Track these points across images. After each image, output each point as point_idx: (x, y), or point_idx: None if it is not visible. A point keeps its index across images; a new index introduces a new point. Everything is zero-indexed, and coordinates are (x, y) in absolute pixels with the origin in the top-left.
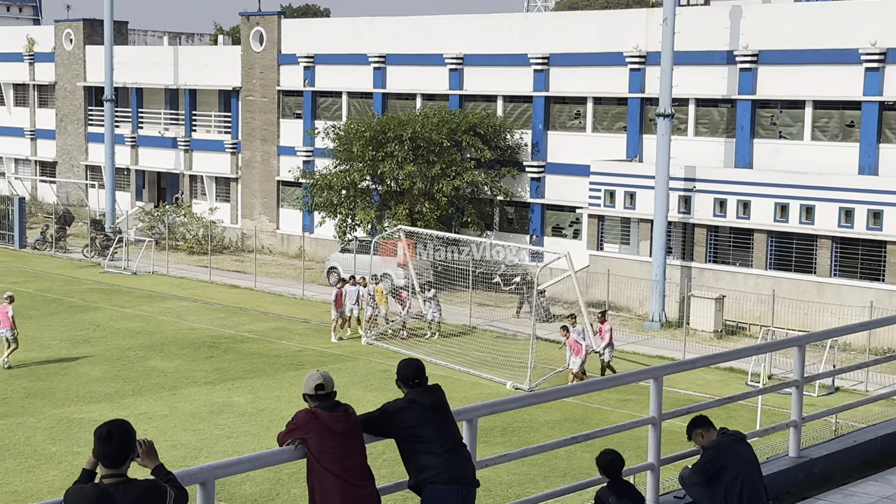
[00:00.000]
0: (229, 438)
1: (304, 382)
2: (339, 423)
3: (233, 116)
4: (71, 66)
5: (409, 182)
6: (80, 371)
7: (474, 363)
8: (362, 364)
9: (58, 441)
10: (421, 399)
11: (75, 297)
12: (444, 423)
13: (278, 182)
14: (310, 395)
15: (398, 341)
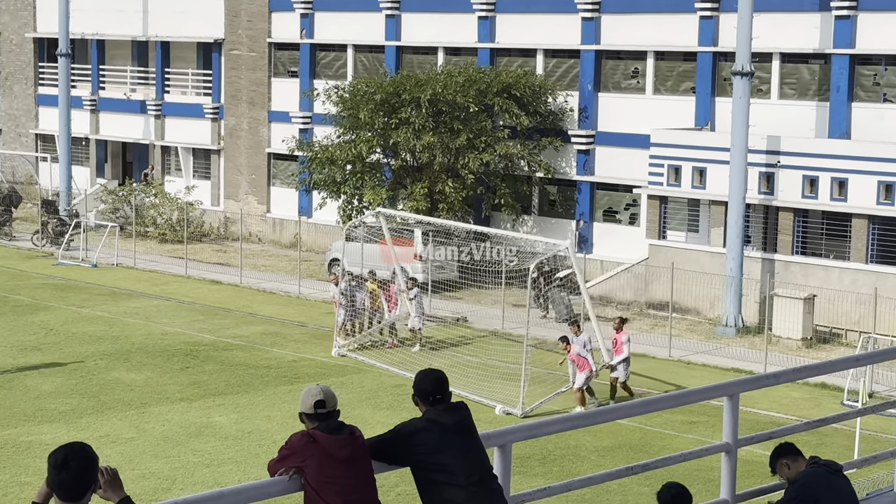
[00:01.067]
0: (209, 467)
1: (302, 399)
2: (342, 449)
3: (214, 75)
4: (18, 14)
5: (428, 155)
6: (29, 384)
7: (467, 380)
8: (370, 377)
9: (3, 468)
10: (442, 419)
11: (23, 295)
12: (469, 448)
13: (269, 155)
14: (308, 415)
15: (378, 352)
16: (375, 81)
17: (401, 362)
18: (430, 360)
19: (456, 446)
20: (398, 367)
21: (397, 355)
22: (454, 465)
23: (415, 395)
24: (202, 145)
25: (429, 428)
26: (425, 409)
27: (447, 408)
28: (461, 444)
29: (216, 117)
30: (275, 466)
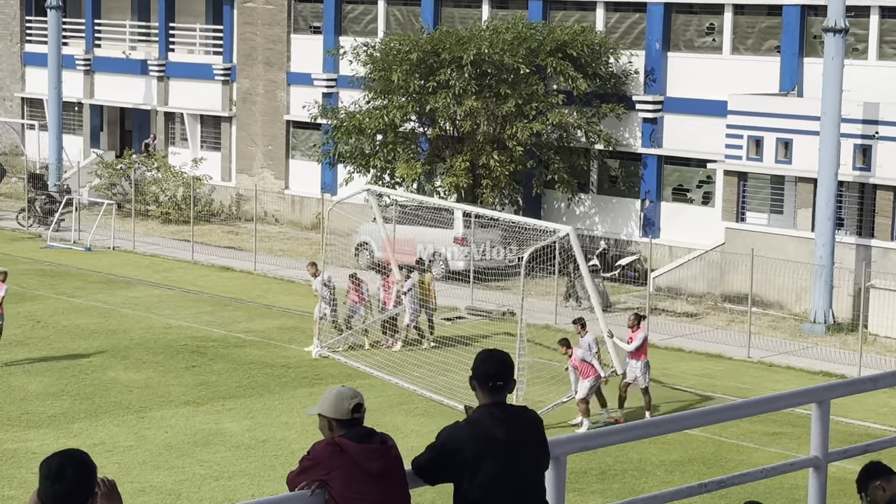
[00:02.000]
0: (218, 480)
1: (331, 402)
2: (374, 460)
3: (225, 31)
4: None
5: (470, 124)
6: (14, 384)
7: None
8: (404, 380)
9: None
10: (490, 423)
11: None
12: (516, 463)
13: (288, 123)
14: (340, 421)
15: (366, 353)
16: (410, 39)
17: (386, 364)
18: (417, 361)
19: (500, 464)
20: (384, 372)
21: (386, 357)
22: (492, 483)
23: (472, 378)
24: (211, 111)
25: (472, 433)
26: (482, 398)
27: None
28: (507, 463)
29: (227, 80)
30: (295, 479)
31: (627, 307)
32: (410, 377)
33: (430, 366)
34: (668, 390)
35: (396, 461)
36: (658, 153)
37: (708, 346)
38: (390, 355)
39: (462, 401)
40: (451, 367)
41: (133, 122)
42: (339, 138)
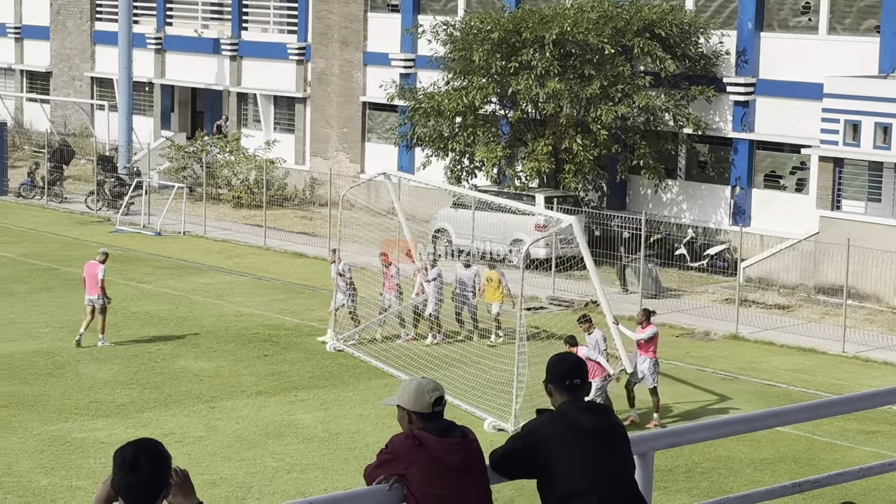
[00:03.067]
0: (290, 473)
1: (411, 394)
2: (454, 454)
3: (300, 9)
4: None
5: (553, 106)
6: (82, 372)
7: (469, 386)
8: (477, 370)
9: (50, 470)
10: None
11: (75, 267)
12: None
13: (364, 104)
14: (420, 414)
15: (384, 347)
16: (492, 17)
17: (400, 358)
18: (439, 358)
19: (587, 454)
20: (397, 368)
21: (402, 353)
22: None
23: (548, 382)
24: (285, 92)
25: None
26: (560, 399)
27: (587, 406)
28: (594, 453)
29: (302, 59)
30: (373, 473)
31: (714, 298)
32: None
33: (449, 364)
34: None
35: (477, 455)
36: (750, 138)
37: (800, 339)
38: (405, 351)
39: (473, 404)
40: (467, 364)
41: (205, 102)
42: (417, 120)
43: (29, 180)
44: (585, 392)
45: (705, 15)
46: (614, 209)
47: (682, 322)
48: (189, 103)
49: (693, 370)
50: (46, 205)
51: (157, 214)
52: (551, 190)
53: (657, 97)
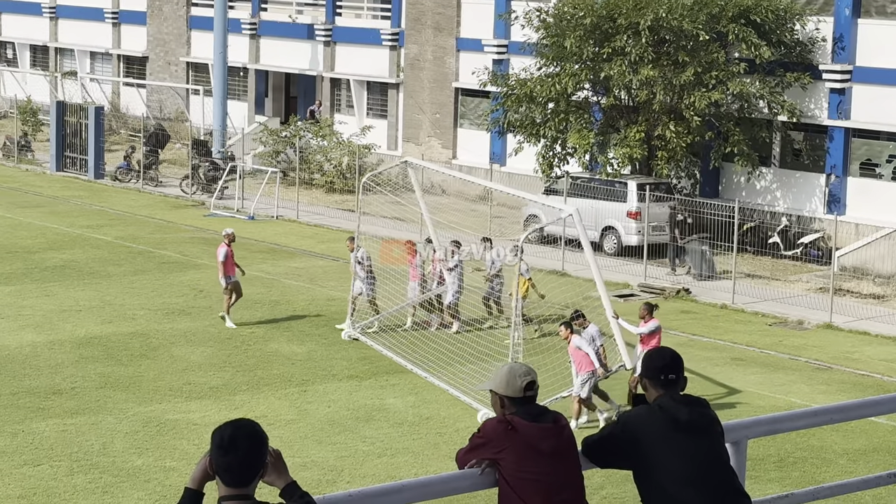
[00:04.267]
0: (381, 457)
1: (503, 379)
2: (547, 439)
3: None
4: None
5: (646, 93)
6: (176, 354)
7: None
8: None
9: (144, 451)
10: (674, 410)
11: (170, 250)
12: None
13: (456, 90)
14: (512, 399)
15: (399, 337)
16: (585, 3)
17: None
18: (451, 349)
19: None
20: (408, 360)
21: (415, 343)
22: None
23: (643, 376)
24: (378, 78)
25: (656, 416)
26: (656, 393)
27: (684, 400)
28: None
29: (395, 45)
30: (465, 457)
31: (808, 287)
32: (437, 370)
33: (464, 358)
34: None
35: (569, 441)
36: (845, 125)
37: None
38: (419, 342)
39: (475, 398)
40: (481, 359)
41: (298, 88)
42: (510, 106)
43: (125, 164)
44: (681, 387)
45: (801, 1)
46: (707, 197)
47: (776, 311)
48: (283, 88)
49: (786, 359)
50: (142, 188)
51: (251, 199)
52: (643, 177)
53: (752, 84)
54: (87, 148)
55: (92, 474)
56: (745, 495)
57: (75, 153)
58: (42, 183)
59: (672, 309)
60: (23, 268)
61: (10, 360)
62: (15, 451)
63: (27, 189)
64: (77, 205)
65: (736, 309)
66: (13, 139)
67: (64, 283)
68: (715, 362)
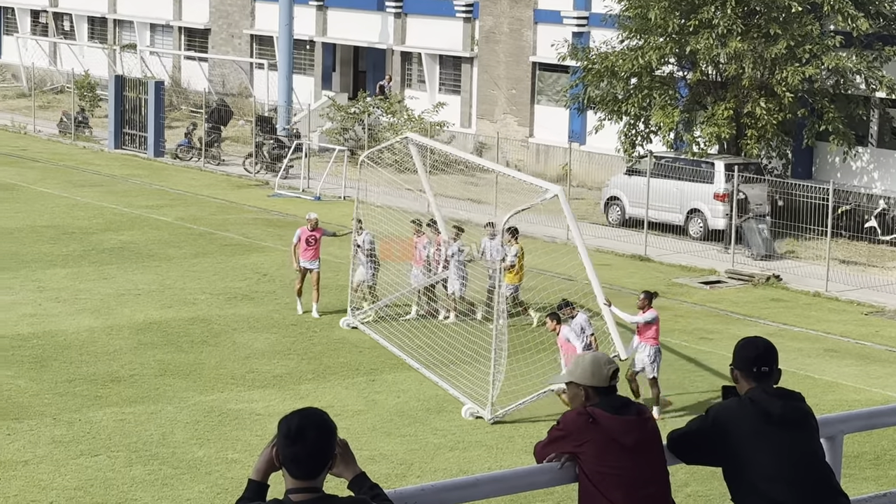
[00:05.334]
0: (453, 450)
1: (586, 368)
2: (630, 432)
3: None
4: None
5: (735, 67)
6: (239, 341)
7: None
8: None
9: (206, 441)
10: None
11: (232, 232)
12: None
13: (534, 65)
14: (597, 388)
15: (398, 327)
16: None
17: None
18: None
19: (779, 444)
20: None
21: (412, 334)
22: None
23: (734, 366)
24: (451, 52)
25: (748, 409)
26: (747, 385)
27: (777, 393)
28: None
29: (469, 17)
30: (543, 451)
31: None
32: (433, 364)
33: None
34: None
35: (653, 434)
36: None
37: None
38: (414, 332)
39: (473, 399)
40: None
41: (367, 62)
42: (590, 81)
43: (186, 141)
44: (775, 379)
45: None
46: (799, 178)
47: (872, 299)
48: (351, 62)
49: (883, 351)
50: (203, 167)
51: (317, 178)
52: (732, 157)
53: (848, 58)
54: (146, 124)
55: (151, 465)
56: (843, 494)
57: (134, 130)
58: (100, 161)
59: (761, 297)
60: (80, 249)
61: (67, 347)
62: (72, 440)
63: (84, 167)
64: (136, 184)
65: (830, 297)
66: (70, 115)
67: (122, 265)
68: (807, 353)
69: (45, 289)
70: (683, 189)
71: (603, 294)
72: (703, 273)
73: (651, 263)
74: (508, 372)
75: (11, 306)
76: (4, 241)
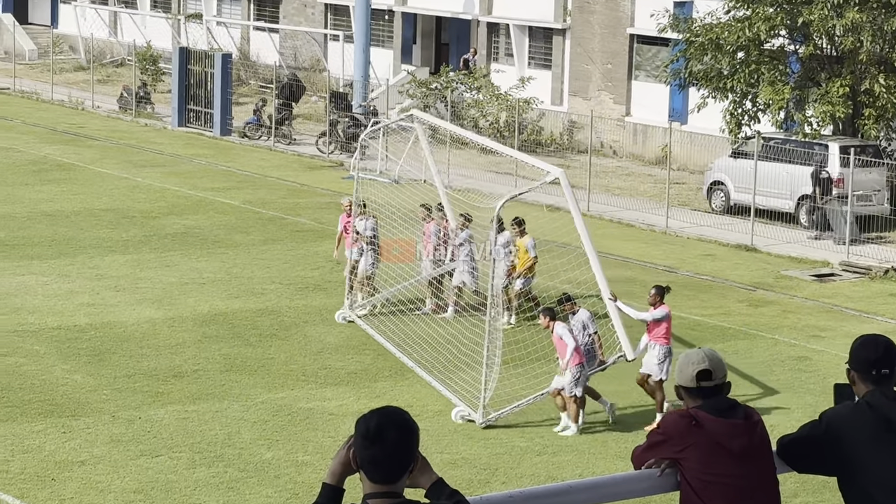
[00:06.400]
0: (541, 455)
1: (679, 367)
2: (736, 437)
3: None
4: None
5: (852, 40)
6: (310, 334)
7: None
8: (763, 345)
9: (274, 443)
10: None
11: (304, 217)
12: None
13: (631, 37)
14: (688, 389)
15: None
16: None
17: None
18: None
19: None
20: (400, 350)
21: (412, 329)
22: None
23: (850, 367)
24: (542, 23)
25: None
26: (865, 388)
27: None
28: None
29: None
30: (642, 456)
31: None
32: (426, 364)
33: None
34: None
35: (762, 440)
36: None
37: None
38: (415, 328)
39: (454, 392)
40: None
41: (450, 33)
42: (692, 55)
43: (254, 119)
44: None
45: None
46: None
47: None
48: (433, 34)
49: None
50: (273, 146)
51: (396, 159)
52: (848, 138)
53: None
54: (212, 100)
55: (216, 468)
56: None
57: (199, 106)
58: (162, 139)
59: (879, 291)
60: (140, 235)
61: (127, 339)
62: (131, 439)
63: (145, 146)
64: (201, 164)
65: None
66: (131, 90)
67: (185, 252)
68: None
69: (103, 277)
70: (794, 173)
71: (609, 288)
72: (814, 265)
73: (757, 254)
74: (510, 373)
75: (68, 295)
76: (61, 225)
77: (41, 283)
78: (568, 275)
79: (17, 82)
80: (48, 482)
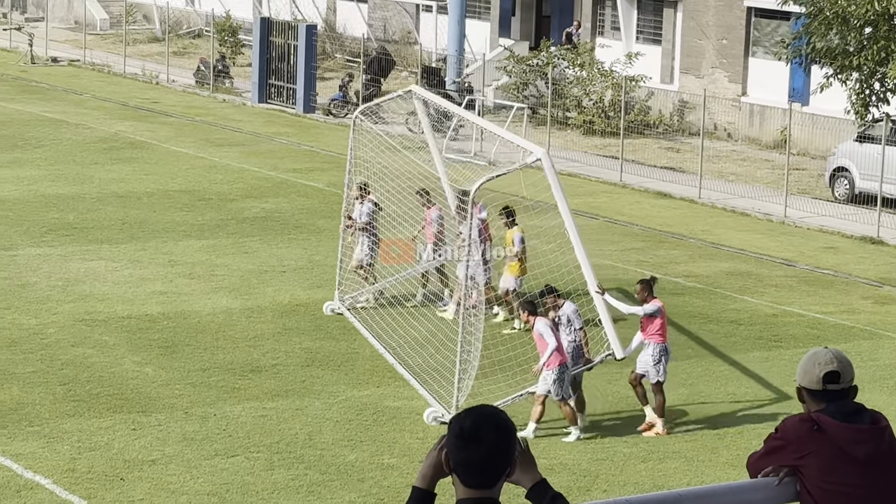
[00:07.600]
0: (645, 462)
1: (803, 367)
2: (861, 444)
3: None
4: None
5: None
6: None
7: None
8: (889, 345)
9: (358, 444)
10: None
11: None
12: None
13: (749, 10)
14: (812, 392)
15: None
16: None
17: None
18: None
19: None
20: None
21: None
22: None
23: None
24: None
25: None
26: None
27: None
28: None
29: None
30: (758, 463)
31: None
32: (414, 364)
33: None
34: None
35: (890, 446)
36: None
37: None
38: (410, 323)
39: (433, 392)
40: None
41: (552, 5)
42: (815, 30)
43: (340, 95)
44: None
45: None
46: None
47: None
48: (534, 6)
49: None
50: None
51: (492, 140)
52: None
53: None
54: (295, 75)
55: (295, 469)
56: None
57: (281, 81)
58: (241, 116)
59: None
60: (217, 219)
61: (202, 330)
62: (205, 438)
63: (223, 123)
64: (282, 144)
65: None
66: (208, 63)
67: (265, 237)
68: None
69: (176, 263)
70: None
71: (596, 280)
72: None
73: (885, 247)
74: (494, 371)
75: (140, 282)
76: (132, 206)
77: (111, 270)
78: (557, 262)
79: (87, 54)
80: (116, 482)
